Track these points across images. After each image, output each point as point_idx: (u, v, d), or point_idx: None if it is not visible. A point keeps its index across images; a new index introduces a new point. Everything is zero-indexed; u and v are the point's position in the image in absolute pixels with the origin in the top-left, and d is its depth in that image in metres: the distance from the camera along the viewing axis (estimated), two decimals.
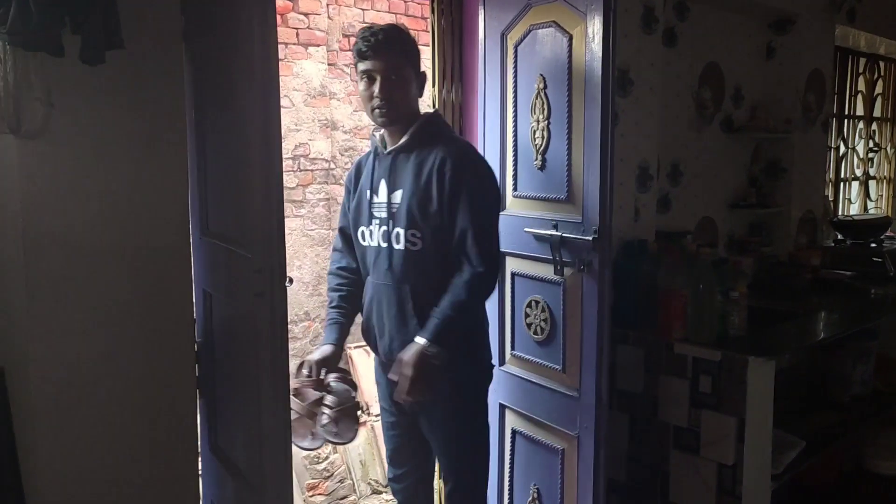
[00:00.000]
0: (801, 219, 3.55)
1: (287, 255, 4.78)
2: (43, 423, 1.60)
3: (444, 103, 2.63)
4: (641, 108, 2.59)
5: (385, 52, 1.93)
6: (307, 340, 4.35)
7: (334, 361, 2.06)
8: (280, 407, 1.64)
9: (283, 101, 4.05)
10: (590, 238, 2.05)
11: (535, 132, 2.23)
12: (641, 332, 2.37)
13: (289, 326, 2.95)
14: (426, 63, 2.17)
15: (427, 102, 2.43)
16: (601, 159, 2.00)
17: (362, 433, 3.98)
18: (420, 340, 1.88)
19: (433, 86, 2.62)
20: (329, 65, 4.36)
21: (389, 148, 2.02)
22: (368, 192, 2.05)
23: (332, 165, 4.46)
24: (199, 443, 1.93)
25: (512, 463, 2.42)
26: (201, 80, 1.89)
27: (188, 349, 1.84)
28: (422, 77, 2.03)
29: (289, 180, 4.16)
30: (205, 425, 2.04)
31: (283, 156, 4.08)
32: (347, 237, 2.15)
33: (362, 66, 1.95)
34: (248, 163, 1.66)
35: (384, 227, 2.01)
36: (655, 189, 2.71)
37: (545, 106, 2.20)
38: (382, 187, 2.02)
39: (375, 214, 2.03)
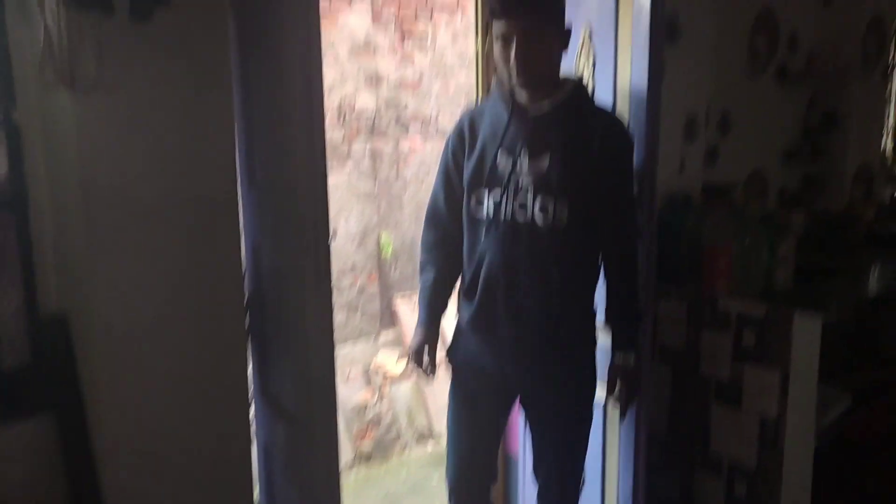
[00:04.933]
0: (856, 172, 3.44)
1: (334, 209, 4.79)
2: (106, 369, 1.67)
3: (488, 56, 2.61)
4: (690, 56, 2.52)
5: (522, 10, 1.70)
6: (354, 292, 4.43)
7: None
8: (325, 355, 1.70)
9: (328, 55, 4.05)
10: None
11: None
12: (684, 288, 2.36)
13: (336, 278, 2.97)
14: (470, 16, 2.11)
15: (469, 54, 2.39)
16: (647, 110, 1.97)
17: (408, 384, 4.07)
18: (617, 360, 1.96)
19: (476, 37, 2.60)
20: (373, 17, 4.33)
21: (532, 111, 1.83)
22: (496, 152, 1.84)
23: (377, 119, 4.46)
24: (250, 389, 2.01)
25: None
26: (245, 33, 1.91)
27: (238, 298, 1.90)
28: (565, 34, 1.80)
29: (334, 134, 4.18)
30: (256, 372, 2.12)
31: (328, 109, 4.11)
32: (450, 197, 1.97)
33: (496, 27, 1.74)
34: (290, 114, 1.68)
35: (527, 194, 1.81)
36: (703, 140, 2.65)
37: (591, 56, 2.16)
38: (522, 151, 1.82)
39: (512, 180, 1.82)
